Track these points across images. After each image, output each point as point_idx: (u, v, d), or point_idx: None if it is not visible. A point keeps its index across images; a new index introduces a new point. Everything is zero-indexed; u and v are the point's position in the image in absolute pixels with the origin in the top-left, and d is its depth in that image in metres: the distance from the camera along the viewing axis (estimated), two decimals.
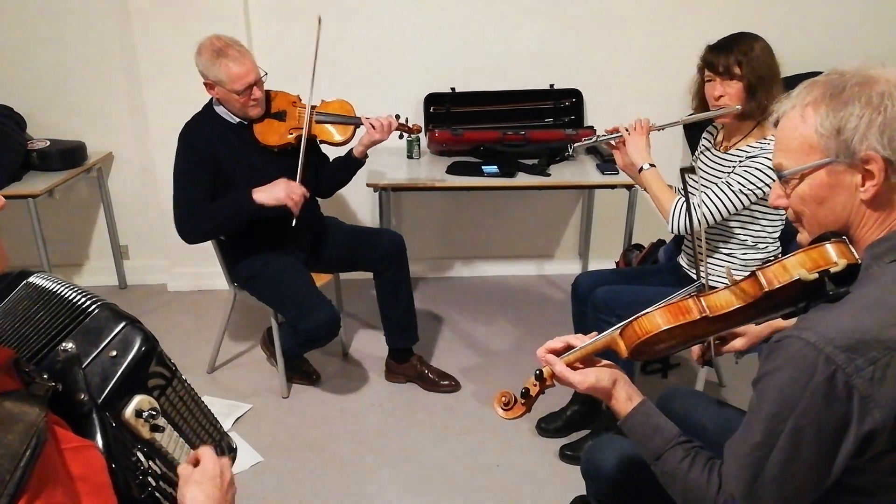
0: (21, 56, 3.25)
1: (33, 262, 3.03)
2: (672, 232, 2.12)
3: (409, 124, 2.60)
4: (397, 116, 2.53)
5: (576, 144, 2.49)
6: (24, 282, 1.01)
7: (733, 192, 2.01)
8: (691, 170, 1.95)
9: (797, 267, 1.03)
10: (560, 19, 3.27)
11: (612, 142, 2.24)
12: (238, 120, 2.46)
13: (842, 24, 3.30)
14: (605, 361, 1.26)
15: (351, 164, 2.59)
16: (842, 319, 0.95)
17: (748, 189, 1.99)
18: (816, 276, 1.00)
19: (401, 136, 2.63)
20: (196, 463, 0.97)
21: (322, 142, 2.56)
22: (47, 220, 3.17)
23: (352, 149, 2.57)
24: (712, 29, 2.23)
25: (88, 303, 0.95)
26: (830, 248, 1.03)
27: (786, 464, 0.97)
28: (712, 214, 2.04)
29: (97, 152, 3.35)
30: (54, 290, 0.98)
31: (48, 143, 3.17)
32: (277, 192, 2.33)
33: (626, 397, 1.20)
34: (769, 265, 1.06)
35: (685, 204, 2.07)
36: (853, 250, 1.03)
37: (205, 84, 2.39)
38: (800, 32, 3.24)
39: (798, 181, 1.05)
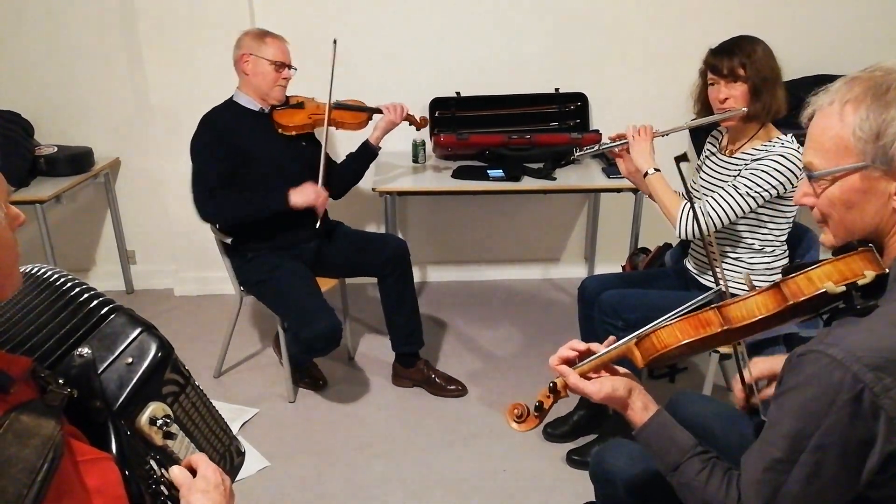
0: (28, 62, 3.26)
1: None
2: (679, 237, 2.11)
3: (417, 117, 2.84)
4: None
5: (579, 153, 2.48)
6: (22, 272, 1.00)
7: (740, 195, 2.01)
8: (684, 157, 1.94)
9: (824, 279, 0.99)
10: (565, 23, 3.28)
11: (616, 149, 2.25)
12: (259, 107, 2.54)
13: (845, 27, 3.29)
14: (622, 370, 1.24)
15: (366, 153, 2.70)
16: (870, 336, 0.91)
17: (754, 192, 1.99)
18: (843, 288, 0.97)
19: (410, 124, 2.82)
20: (191, 469, 0.96)
21: (340, 126, 2.69)
22: (55, 225, 3.19)
23: (366, 139, 2.69)
24: (717, 32, 2.22)
25: (102, 306, 0.95)
26: (858, 259, 0.99)
27: (807, 482, 0.94)
28: (719, 218, 2.04)
29: (104, 158, 3.37)
30: (58, 282, 0.97)
31: (55, 148, 3.19)
32: (309, 196, 2.48)
33: (641, 407, 1.18)
34: (793, 276, 1.02)
35: (692, 209, 2.07)
36: (880, 260, 0.99)
37: (240, 58, 2.49)
38: (804, 36, 3.24)
39: (829, 183, 1.00)
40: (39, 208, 2.92)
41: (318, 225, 2.54)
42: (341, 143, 2.72)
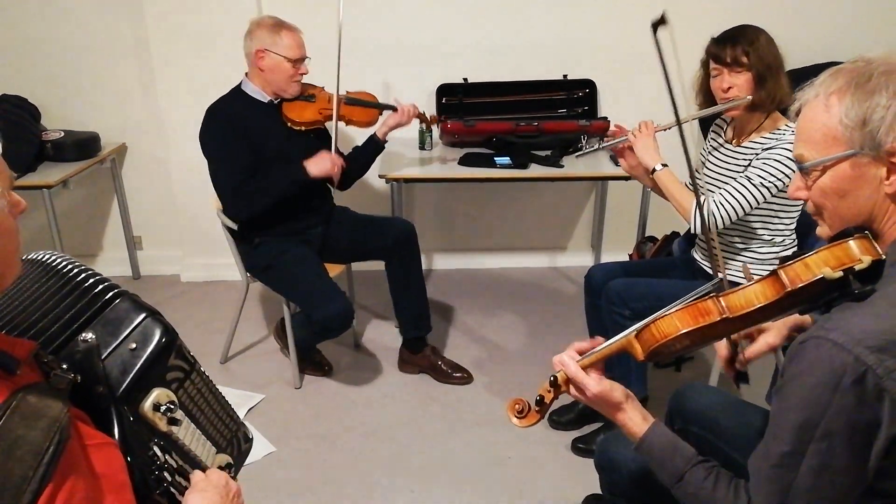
0: (35, 47, 3.26)
1: None
2: (694, 231, 2.09)
3: (428, 115, 2.81)
4: (416, 107, 2.69)
5: (577, 154, 2.55)
6: (26, 259, 0.99)
7: (754, 185, 1.98)
8: (662, 21, 1.86)
9: (821, 265, 0.99)
10: (573, 9, 3.25)
11: (618, 147, 2.23)
12: (269, 99, 2.51)
13: (849, 17, 3.26)
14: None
15: (373, 147, 2.68)
16: (870, 319, 0.91)
17: (769, 182, 1.97)
18: (840, 274, 0.97)
19: (420, 122, 2.82)
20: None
21: (350, 122, 2.65)
22: (61, 210, 3.19)
23: (374, 133, 2.67)
24: (723, 20, 2.19)
25: (107, 291, 0.94)
26: (854, 245, 0.99)
27: (818, 473, 0.94)
28: (735, 210, 2.01)
29: (111, 143, 3.37)
30: (62, 267, 0.97)
31: (62, 133, 3.19)
32: (326, 164, 2.47)
33: (641, 418, 1.18)
34: (791, 263, 1.02)
35: (707, 202, 2.04)
36: (877, 246, 0.99)
37: (255, 53, 2.43)
38: (810, 24, 3.21)
39: (820, 173, 1.01)
40: (46, 193, 2.93)
41: (335, 187, 2.59)
42: (348, 136, 2.70)
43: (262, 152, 2.46)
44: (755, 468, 1.01)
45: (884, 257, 0.98)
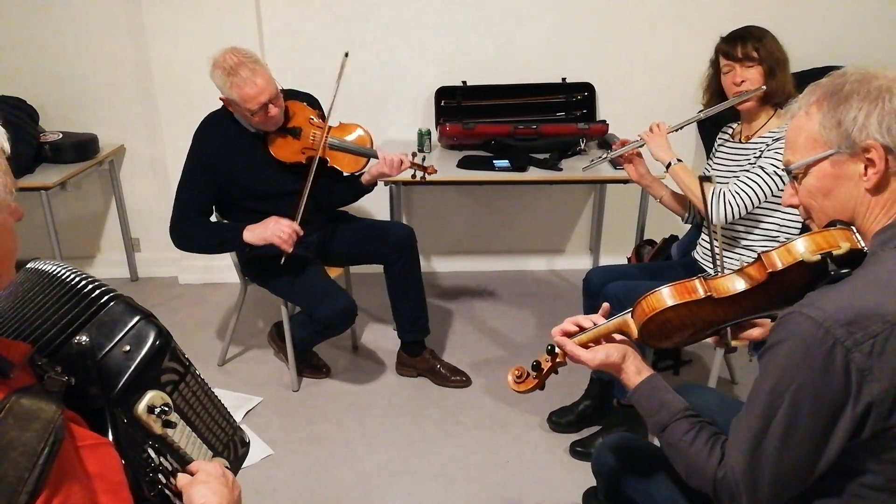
0: (34, 49, 3.26)
1: (46, 254, 3.05)
2: (713, 222, 2.11)
3: (424, 164, 2.50)
4: (413, 154, 2.49)
5: (584, 167, 2.52)
6: (24, 267, 1.00)
7: (767, 174, 2.02)
8: (708, 179, 1.98)
9: (801, 249, 1.07)
10: (572, 12, 3.25)
11: (625, 154, 2.27)
12: (255, 130, 2.43)
13: (854, 20, 3.26)
14: (619, 338, 1.29)
15: (357, 189, 2.60)
16: (844, 295, 0.98)
17: (781, 171, 2.00)
18: (819, 258, 1.04)
19: (413, 176, 2.52)
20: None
21: (333, 163, 2.52)
22: (59, 212, 3.19)
23: (360, 174, 2.55)
24: (723, 23, 2.22)
25: (101, 294, 0.94)
26: (834, 232, 1.07)
27: (784, 438, 1.00)
28: (750, 199, 2.04)
29: (109, 145, 3.36)
30: (61, 275, 0.97)
31: (60, 135, 3.18)
32: (265, 233, 2.32)
33: (635, 371, 1.25)
34: (774, 248, 1.10)
35: (722, 192, 2.07)
36: (859, 238, 1.06)
37: (220, 99, 2.35)
38: (813, 28, 3.21)
39: (804, 174, 1.10)
40: (44, 195, 2.92)
41: (282, 261, 2.35)
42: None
43: (248, 179, 2.42)
44: (733, 428, 1.08)
45: (864, 248, 1.05)
